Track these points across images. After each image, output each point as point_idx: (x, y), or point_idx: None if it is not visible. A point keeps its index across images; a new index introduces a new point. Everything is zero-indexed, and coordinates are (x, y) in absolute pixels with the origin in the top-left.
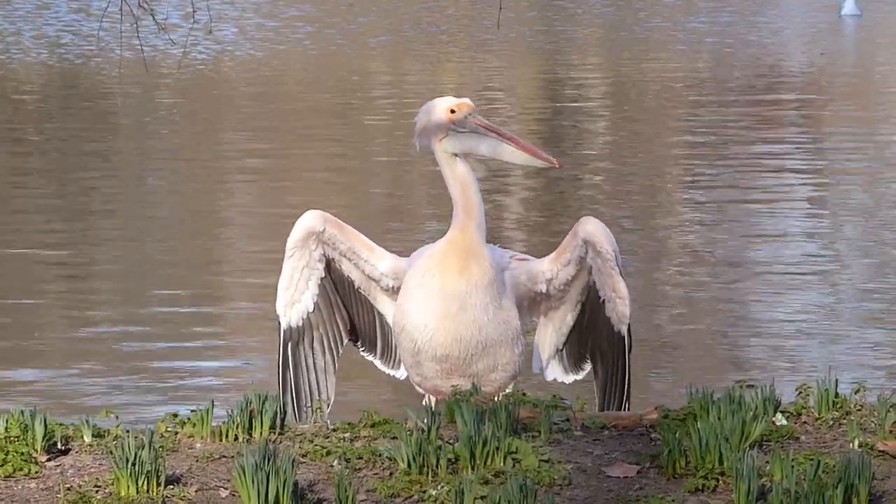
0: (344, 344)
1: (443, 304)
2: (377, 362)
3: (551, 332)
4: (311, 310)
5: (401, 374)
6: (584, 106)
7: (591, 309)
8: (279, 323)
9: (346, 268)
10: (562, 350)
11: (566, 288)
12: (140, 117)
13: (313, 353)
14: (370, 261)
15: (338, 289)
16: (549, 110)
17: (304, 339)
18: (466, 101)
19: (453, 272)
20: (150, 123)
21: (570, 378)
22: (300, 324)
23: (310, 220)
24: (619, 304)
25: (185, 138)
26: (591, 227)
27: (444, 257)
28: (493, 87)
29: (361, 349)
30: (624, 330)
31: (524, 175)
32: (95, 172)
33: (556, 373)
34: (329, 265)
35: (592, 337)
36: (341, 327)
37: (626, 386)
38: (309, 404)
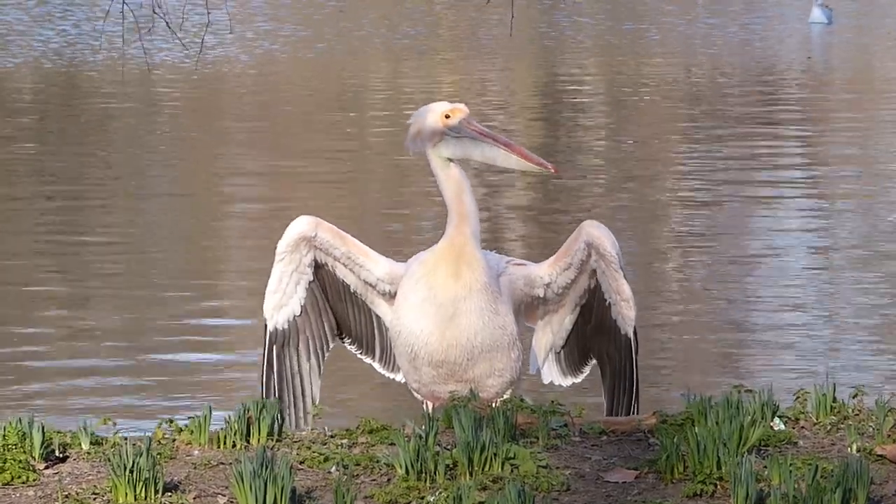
0: (330, 347)
1: (437, 309)
2: (376, 365)
3: (549, 334)
4: (297, 313)
5: (400, 377)
6: (581, 109)
7: (598, 313)
8: (265, 325)
9: (341, 272)
10: (559, 352)
11: (565, 292)
12: (137, 123)
13: (298, 356)
14: (365, 265)
15: (327, 293)
16: (547, 113)
17: (289, 342)
18: (461, 105)
19: (447, 277)
20: (146, 130)
21: (567, 381)
22: (286, 326)
23: (301, 225)
24: (625, 307)
25: (182, 147)
26: (595, 231)
27: (437, 263)
28: (489, 90)
29: (359, 353)
30: (630, 332)
31: (520, 178)
32: (92, 178)
33: (553, 375)
34: (319, 269)
35: (599, 341)
36: (328, 331)
37: (634, 388)
38: (292, 406)
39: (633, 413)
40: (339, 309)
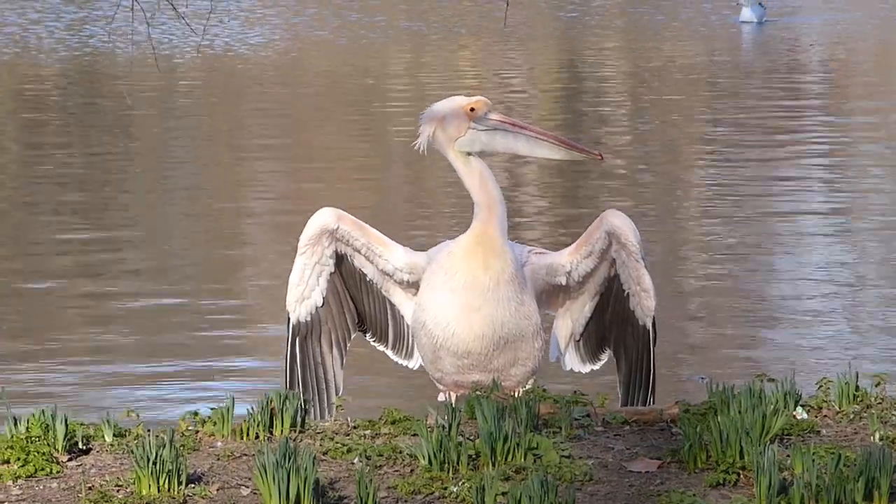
0: (352, 338)
1: (464, 300)
2: (389, 352)
3: (569, 321)
4: (319, 305)
5: (413, 364)
6: (601, 94)
7: (616, 302)
8: (288, 318)
9: (359, 262)
10: (579, 340)
11: (585, 279)
12: (158, 111)
13: (321, 347)
14: (384, 255)
15: (347, 283)
16: (566, 99)
17: (312, 334)
18: (482, 98)
19: (475, 268)
20: (167, 119)
21: (587, 368)
22: (309, 318)
23: (323, 217)
24: (644, 298)
25: (203, 135)
26: (617, 221)
27: (465, 254)
28: (509, 76)
29: (372, 340)
30: (649, 323)
31: (539, 167)
32: (113, 170)
33: (573, 362)
34: (340, 261)
35: (617, 330)
36: (349, 322)
37: (651, 380)
38: (315, 397)
39: (649, 405)
40: (356, 298)
